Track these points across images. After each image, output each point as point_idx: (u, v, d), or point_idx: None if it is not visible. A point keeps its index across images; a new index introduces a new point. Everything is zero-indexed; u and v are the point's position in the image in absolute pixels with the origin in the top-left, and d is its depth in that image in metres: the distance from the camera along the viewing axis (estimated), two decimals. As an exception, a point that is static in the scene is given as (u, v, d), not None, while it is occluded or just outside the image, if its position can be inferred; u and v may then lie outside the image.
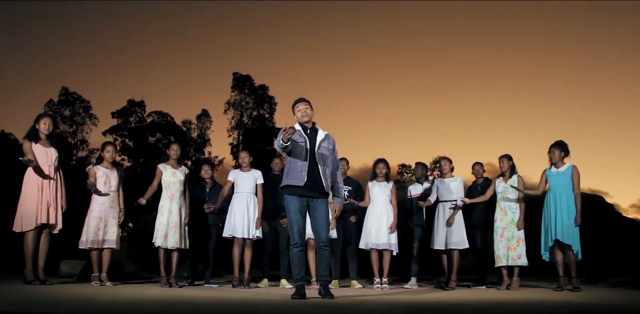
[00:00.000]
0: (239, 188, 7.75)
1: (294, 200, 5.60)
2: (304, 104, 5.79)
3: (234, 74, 42.58)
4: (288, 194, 5.64)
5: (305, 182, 5.53)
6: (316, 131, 5.77)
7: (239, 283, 7.67)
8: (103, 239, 7.14)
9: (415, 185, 8.91)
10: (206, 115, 42.89)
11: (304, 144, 5.62)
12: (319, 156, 5.64)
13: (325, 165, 5.67)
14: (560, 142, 7.63)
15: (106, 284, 7.04)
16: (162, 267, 7.33)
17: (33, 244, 6.69)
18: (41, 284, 6.58)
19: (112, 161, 7.48)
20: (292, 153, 5.61)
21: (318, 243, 5.72)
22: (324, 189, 5.62)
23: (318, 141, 5.69)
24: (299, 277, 5.66)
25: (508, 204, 7.76)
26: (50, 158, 6.94)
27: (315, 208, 5.64)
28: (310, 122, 5.80)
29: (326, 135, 5.79)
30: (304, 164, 5.57)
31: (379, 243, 7.91)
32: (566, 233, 7.26)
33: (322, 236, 5.65)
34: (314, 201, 5.64)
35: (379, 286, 7.90)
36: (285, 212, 5.80)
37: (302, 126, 5.76)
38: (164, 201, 7.39)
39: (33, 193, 6.75)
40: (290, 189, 5.60)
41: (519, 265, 7.62)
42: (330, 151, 5.77)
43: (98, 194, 7.23)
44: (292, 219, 5.62)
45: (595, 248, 11.36)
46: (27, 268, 6.66)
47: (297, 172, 5.57)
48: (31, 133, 7.00)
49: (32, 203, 6.71)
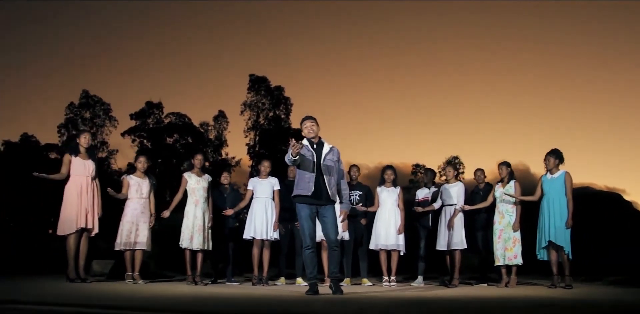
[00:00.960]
0: (257, 194, 8.44)
1: (304, 207, 6.35)
2: (311, 121, 6.52)
3: (250, 75, 42.94)
4: (299, 202, 6.38)
5: (313, 191, 6.27)
6: (322, 145, 6.49)
7: (258, 281, 8.35)
8: (135, 241, 7.88)
9: (423, 189, 9.56)
10: (223, 116, 43.43)
11: (311, 158, 6.35)
12: (325, 167, 6.37)
13: (330, 175, 6.39)
14: (556, 151, 8.22)
15: (138, 282, 7.77)
16: (188, 266, 8.04)
17: (74, 246, 7.46)
18: (82, 282, 7.36)
19: (144, 170, 8.22)
20: (301, 166, 6.35)
21: (328, 244, 6.47)
22: (329, 196, 6.35)
23: (323, 154, 6.41)
24: (311, 276, 6.38)
25: (505, 208, 8.37)
26: (88, 169, 7.71)
27: (323, 213, 6.39)
28: (317, 137, 6.52)
29: (331, 148, 6.51)
30: (311, 175, 6.31)
31: (388, 244, 8.57)
32: (559, 235, 7.84)
33: (331, 238, 6.39)
34: (322, 207, 6.38)
35: (387, 283, 8.55)
36: (298, 218, 6.52)
37: (309, 141, 6.48)
38: (189, 206, 8.10)
39: (73, 201, 7.53)
40: (300, 198, 6.34)
41: (515, 264, 8.24)
42: (335, 162, 6.49)
43: (120, 196, 8.00)
44: (304, 225, 6.37)
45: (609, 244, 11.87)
46: (70, 267, 7.42)
47: (306, 183, 6.31)
48: (72, 147, 7.81)
49: (72, 210, 7.48)
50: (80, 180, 7.62)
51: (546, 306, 4.82)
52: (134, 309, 3.81)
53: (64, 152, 7.83)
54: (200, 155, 8.48)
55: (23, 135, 39.44)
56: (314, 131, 6.48)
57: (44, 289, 5.94)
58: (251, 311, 3.94)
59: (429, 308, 4.64)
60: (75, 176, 7.63)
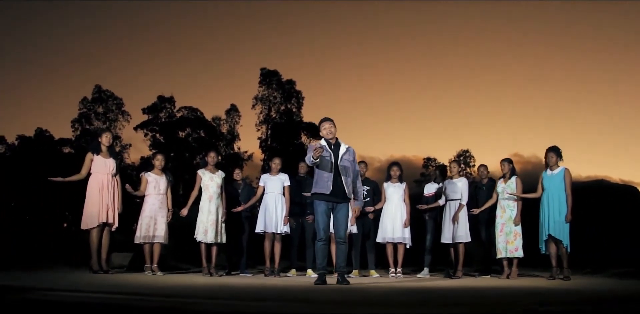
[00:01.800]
0: (268, 189, 8.82)
1: (321, 204, 6.77)
2: (329, 123, 6.93)
3: (261, 69, 43.21)
4: (317, 199, 6.79)
5: (331, 190, 6.69)
6: (339, 146, 6.89)
7: (270, 273, 8.74)
8: (153, 235, 8.29)
9: (432, 184, 9.90)
10: (235, 110, 43.74)
11: (329, 158, 6.76)
12: (342, 167, 6.78)
13: (347, 175, 6.81)
14: (555, 148, 8.52)
15: (157, 273, 8.18)
16: (203, 259, 8.43)
17: (97, 240, 7.88)
18: (104, 273, 7.78)
19: (162, 167, 8.64)
20: (320, 166, 6.76)
21: (337, 239, 6.90)
22: (346, 195, 6.77)
23: (340, 154, 6.82)
24: (321, 266, 6.78)
25: (507, 203, 8.71)
26: (109, 167, 8.13)
27: (337, 210, 6.83)
28: (334, 138, 6.91)
29: (347, 148, 6.91)
30: (329, 175, 6.73)
31: (394, 237, 8.95)
32: (557, 229, 8.16)
33: (340, 233, 6.84)
34: (337, 205, 6.80)
35: (393, 275, 8.94)
36: (314, 213, 6.92)
37: (327, 142, 6.88)
38: (203, 201, 8.49)
39: (95, 197, 7.95)
40: (318, 195, 6.76)
41: (516, 257, 8.59)
42: (351, 162, 6.91)
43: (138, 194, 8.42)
44: (319, 219, 6.78)
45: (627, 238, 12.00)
46: (93, 259, 7.84)
47: (324, 182, 6.73)
48: (94, 146, 8.23)
49: (94, 205, 7.91)
50: (102, 177, 8.03)
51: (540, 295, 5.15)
52: (158, 296, 4.19)
53: (87, 151, 8.23)
54: (213, 152, 8.87)
55: (37, 130, 40.10)
56: (332, 133, 6.88)
57: (72, 279, 6.34)
58: (262, 298, 4.32)
59: (427, 295, 5.02)
60: (96, 174, 8.04)
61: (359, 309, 3.58)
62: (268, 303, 3.92)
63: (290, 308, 3.48)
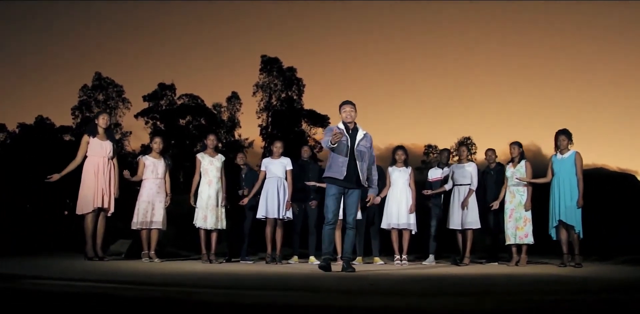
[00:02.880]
0: (270, 174, 8.53)
1: (333, 188, 6.52)
2: (350, 106, 6.67)
3: (262, 56, 42.98)
4: (329, 183, 6.54)
5: (345, 175, 6.44)
6: (357, 131, 6.63)
7: (271, 259, 8.49)
8: (151, 220, 8.03)
9: (436, 169, 9.64)
10: (236, 97, 43.55)
11: (346, 142, 6.50)
12: (358, 152, 6.52)
13: (363, 161, 6.55)
14: (566, 130, 8.24)
15: (154, 260, 7.92)
16: (202, 245, 8.18)
17: (92, 225, 7.62)
18: (100, 260, 7.52)
19: (160, 151, 8.36)
20: (336, 150, 6.49)
21: (346, 224, 6.65)
22: (359, 181, 6.52)
23: (357, 140, 6.56)
24: (326, 251, 6.55)
25: (516, 188, 8.44)
26: (105, 150, 7.83)
27: (349, 195, 6.58)
28: (353, 122, 6.65)
29: (365, 134, 6.65)
30: (344, 159, 6.47)
31: (399, 223, 8.69)
32: (569, 214, 7.90)
33: (349, 219, 6.60)
34: (349, 190, 6.55)
35: (398, 262, 8.69)
36: (325, 196, 6.67)
37: (345, 125, 6.62)
38: (202, 186, 8.21)
39: (90, 181, 7.66)
40: (331, 179, 6.50)
41: (525, 243, 8.32)
42: (368, 148, 6.65)
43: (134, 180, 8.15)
44: (329, 203, 6.53)
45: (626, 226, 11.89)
46: (88, 246, 7.58)
47: (339, 167, 6.47)
48: (90, 128, 7.93)
49: (89, 189, 7.63)
50: (98, 160, 7.75)
51: (552, 283, 4.90)
52: (153, 285, 3.94)
53: (83, 134, 7.95)
54: (212, 135, 8.58)
55: (38, 117, 39.86)
56: (352, 117, 6.63)
57: (64, 266, 6.10)
58: (263, 287, 4.06)
59: (437, 283, 4.76)
60: (92, 157, 7.76)
61: (366, 298, 3.31)
62: (269, 292, 3.65)
63: (293, 298, 3.21)
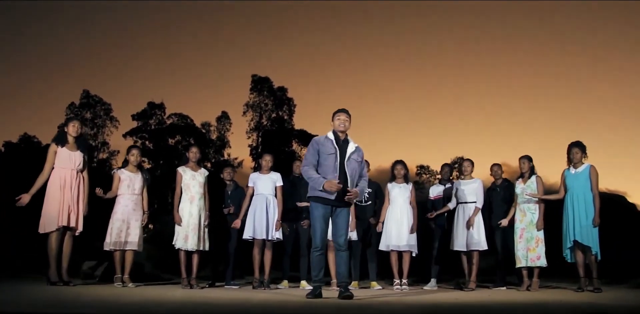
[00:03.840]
0: (258, 190, 7.81)
1: (319, 207, 5.82)
2: (345, 115, 6.01)
3: (252, 76, 42.90)
4: (314, 202, 5.84)
5: (336, 194, 5.73)
6: (347, 143, 5.97)
7: (259, 284, 7.72)
8: (125, 240, 7.24)
9: (437, 186, 8.97)
10: (226, 117, 43.16)
11: (334, 156, 5.83)
12: (349, 167, 5.85)
13: (353, 176, 5.87)
14: (580, 143, 7.62)
15: (128, 285, 7.13)
16: (183, 268, 7.42)
17: (56, 246, 6.78)
18: (65, 285, 6.67)
19: (137, 164, 7.62)
20: (322, 166, 5.83)
21: (336, 246, 5.95)
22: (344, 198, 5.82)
23: (348, 153, 5.89)
24: (317, 278, 5.88)
25: (527, 205, 7.77)
26: (74, 161, 7.03)
27: (337, 215, 5.89)
28: (345, 133, 5.99)
29: (356, 147, 6.00)
30: (334, 177, 5.77)
31: (400, 245, 7.96)
32: (585, 234, 7.25)
33: (340, 241, 5.88)
34: (337, 209, 5.87)
35: (398, 287, 7.94)
36: (310, 218, 5.98)
37: (335, 135, 5.95)
38: (184, 203, 7.48)
39: (55, 196, 6.84)
40: (317, 198, 5.80)
41: (538, 266, 7.63)
42: (359, 163, 5.97)
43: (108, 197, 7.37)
44: (316, 225, 5.84)
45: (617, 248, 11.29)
46: (51, 269, 6.74)
47: None
48: (59, 136, 7.11)
49: (54, 205, 6.81)
50: (65, 173, 6.95)
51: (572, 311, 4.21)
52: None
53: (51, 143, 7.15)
54: (195, 148, 7.84)
55: (24, 135, 39.01)
56: (345, 126, 5.98)
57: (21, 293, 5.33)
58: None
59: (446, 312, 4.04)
60: (59, 169, 6.94)
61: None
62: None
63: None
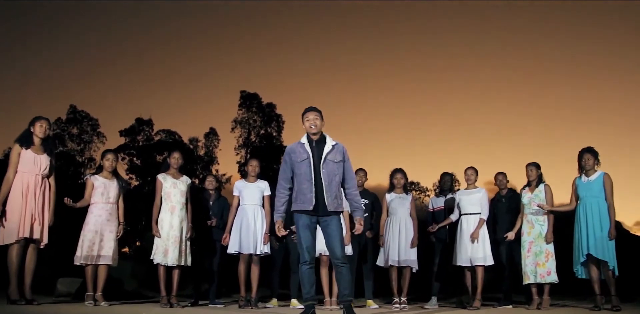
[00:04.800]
0: (244, 200, 7.21)
1: (302, 217, 5.25)
2: (314, 113, 5.39)
3: (241, 92, 42.56)
4: (297, 213, 5.28)
5: (314, 205, 5.18)
6: (323, 143, 5.35)
7: (245, 303, 7.10)
8: (98, 254, 6.56)
9: (437, 197, 8.39)
10: (214, 133, 42.82)
11: (307, 161, 5.25)
12: (324, 170, 5.24)
13: (331, 179, 5.25)
14: (592, 148, 7.10)
15: (101, 304, 6.46)
16: (162, 285, 6.79)
17: (17, 260, 6.10)
18: (27, 303, 5.98)
19: (113, 170, 6.96)
20: (297, 176, 5.28)
21: (334, 260, 5.30)
22: (334, 206, 5.23)
23: (324, 153, 5.27)
24: (308, 296, 5.27)
25: (535, 217, 7.22)
26: (40, 166, 6.36)
27: (327, 224, 5.27)
28: (319, 134, 5.38)
29: (334, 146, 5.35)
30: (310, 185, 5.21)
31: (400, 260, 7.37)
32: (599, 248, 6.70)
33: (337, 253, 5.23)
34: (323, 219, 5.27)
35: (397, 305, 7.35)
36: (296, 229, 5.37)
37: (308, 138, 5.37)
38: (163, 213, 6.85)
39: (16, 204, 6.17)
40: (299, 211, 5.26)
41: (548, 282, 7.06)
42: (338, 163, 5.32)
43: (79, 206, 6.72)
44: (301, 236, 5.25)
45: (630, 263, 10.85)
46: (12, 286, 6.05)
47: (304, 195, 5.21)
48: (23, 137, 6.42)
49: (14, 215, 6.13)
50: (28, 178, 6.25)
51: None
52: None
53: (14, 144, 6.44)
54: (177, 153, 7.22)
55: (8, 150, 38.35)
56: (317, 126, 5.33)
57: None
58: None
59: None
60: (22, 173, 6.25)
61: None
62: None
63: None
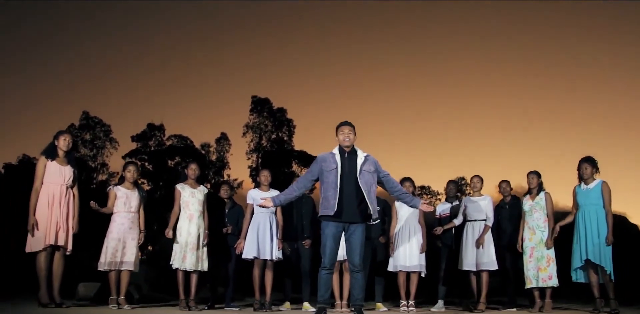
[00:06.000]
0: (258, 209, 7.53)
1: (329, 225, 5.66)
2: (348, 127, 5.87)
3: (252, 97, 42.69)
4: (324, 220, 5.70)
5: (335, 211, 5.57)
6: (355, 155, 5.81)
7: (260, 306, 7.43)
8: (121, 260, 6.93)
9: (444, 204, 8.70)
10: (225, 138, 43.04)
11: (335, 171, 5.68)
12: (361, 180, 5.68)
13: (369, 189, 5.69)
14: (591, 158, 7.39)
15: (124, 307, 6.82)
16: (181, 290, 7.13)
17: (46, 266, 6.47)
18: (57, 307, 6.38)
19: (134, 181, 7.34)
20: (324, 183, 5.72)
21: (351, 267, 5.74)
22: (359, 214, 5.65)
23: (359, 165, 5.74)
24: (322, 299, 5.65)
25: (536, 223, 7.50)
26: (64, 177, 6.74)
27: (351, 233, 5.70)
28: (351, 146, 5.83)
29: (366, 157, 5.83)
30: (334, 193, 5.64)
31: (409, 265, 7.67)
32: (597, 253, 6.98)
33: (355, 261, 5.68)
34: (350, 226, 5.68)
35: (405, 308, 7.65)
36: (321, 236, 5.78)
37: (340, 150, 5.81)
38: (182, 221, 7.22)
39: (43, 213, 6.54)
40: (326, 217, 5.67)
41: (550, 286, 7.34)
42: (373, 174, 5.81)
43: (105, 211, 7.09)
44: (326, 244, 5.66)
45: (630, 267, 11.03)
46: (42, 290, 6.43)
47: (328, 202, 5.63)
48: (48, 150, 6.81)
49: (41, 223, 6.49)
50: (54, 189, 6.64)
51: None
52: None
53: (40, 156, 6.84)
54: (194, 164, 7.61)
55: (23, 157, 38.79)
56: (350, 140, 5.83)
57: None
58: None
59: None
60: (48, 184, 6.63)
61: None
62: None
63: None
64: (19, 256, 7.65)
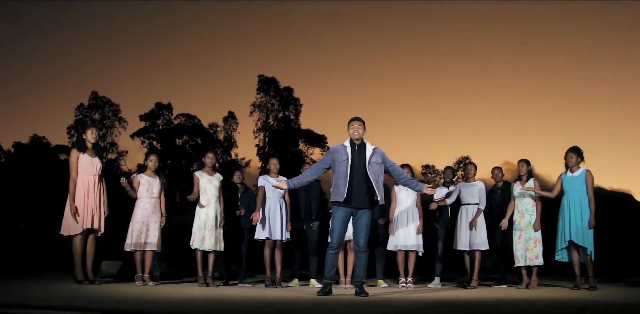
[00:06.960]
0: (268, 193, 8.20)
1: (339, 209, 6.34)
2: (358, 122, 6.50)
3: (259, 76, 42.67)
4: (335, 205, 6.39)
5: (345, 197, 6.24)
6: (364, 147, 6.43)
7: (270, 283, 8.13)
8: (145, 241, 7.65)
9: (441, 188, 9.31)
10: (232, 117, 43.28)
11: (346, 162, 6.31)
12: (370, 171, 6.30)
13: (377, 179, 6.33)
14: (576, 148, 7.96)
15: (148, 283, 7.54)
16: (199, 268, 7.81)
17: (81, 247, 7.21)
18: (90, 283, 7.12)
19: (155, 169, 8.02)
20: (335, 172, 6.37)
21: (356, 248, 6.41)
22: (367, 200, 6.30)
23: (367, 157, 6.37)
24: (328, 276, 6.30)
25: (525, 207, 8.13)
26: (96, 167, 7.44)
27: (358, 217, 6.36)
28: (360, 139, 6.45)
29: (373, 150, 6.45)
30: (345, 181, 6.28)
31: (407, 245, 8.34)
32: (580, 235, 7.60)
33: (360, 242, 6.35)
34: (358, 212, 6.34)
35: (404, 285, 8.33)
36: (331, 218, 6.49)
37: (351, 143, 6.44)
38: (200, 206, 7.90)
39: (80, 201, 7.25)
40: (336, 202, 6.35)
41: (536, 265, 8.00)
42: (380, 165, 6.44)
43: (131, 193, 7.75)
44: (335, 226, 6.36)
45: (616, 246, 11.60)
46: (77, 269, 7.18)
47: (338, 189, 6.29)
48: (78, 143, 7.54)
49: (80, 210, 7.21)
50: (88, 179, 7.36)
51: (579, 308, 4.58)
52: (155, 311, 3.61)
53: (72, 149, 7.56)
54: (211, 153, 8.28)
55: (33, 136, 39.45)
56: (359, 134, 6.47)
57: (52, 291, 5.75)
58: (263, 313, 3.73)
59: (455, 310, 4.42)
60: (82, 175, 7.34)
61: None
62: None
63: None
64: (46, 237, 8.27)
